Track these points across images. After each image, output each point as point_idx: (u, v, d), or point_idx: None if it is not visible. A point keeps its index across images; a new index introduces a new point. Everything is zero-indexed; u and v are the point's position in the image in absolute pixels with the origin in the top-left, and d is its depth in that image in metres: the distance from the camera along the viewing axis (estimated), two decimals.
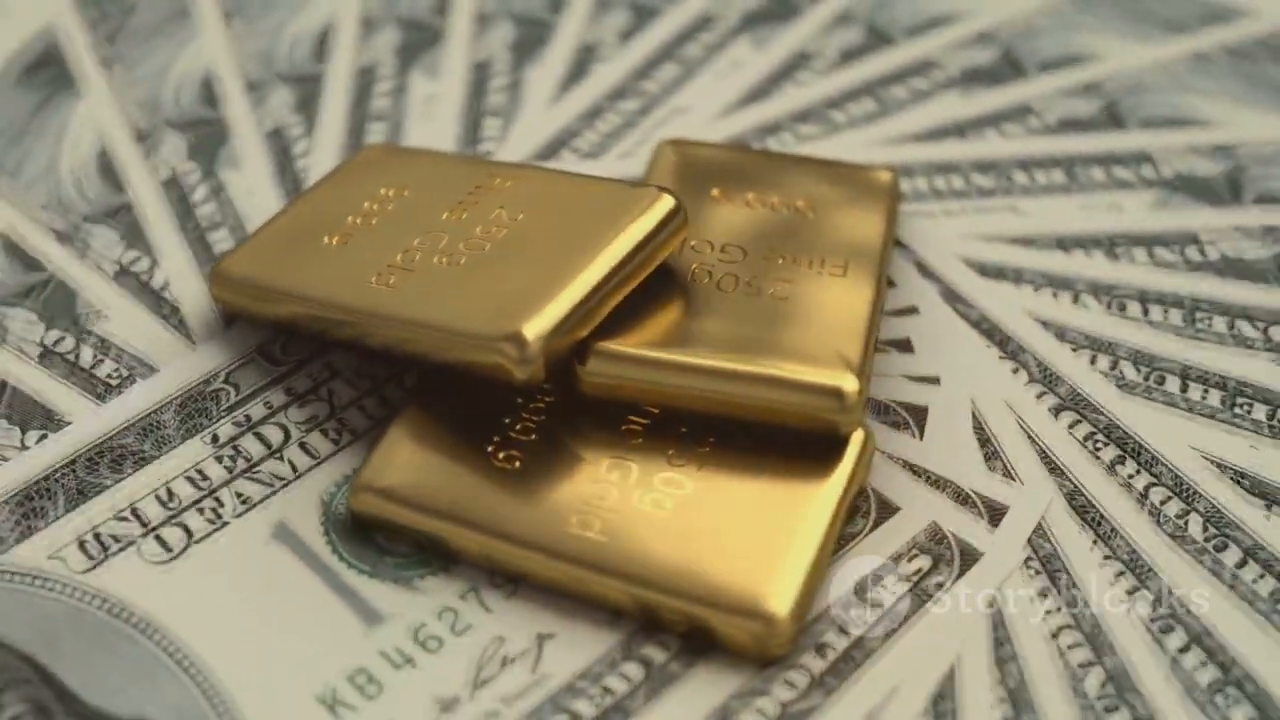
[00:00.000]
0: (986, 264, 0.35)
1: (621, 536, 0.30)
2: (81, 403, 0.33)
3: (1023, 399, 0.33)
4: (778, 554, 0.30)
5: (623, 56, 0.40)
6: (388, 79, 0.40)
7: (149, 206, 0.37)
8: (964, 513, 0.31)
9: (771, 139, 0.38)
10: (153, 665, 0.29)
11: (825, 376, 0.30)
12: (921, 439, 0.32)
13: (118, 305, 0.35)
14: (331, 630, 0.30)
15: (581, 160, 0.37)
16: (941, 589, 0.30)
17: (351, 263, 0.33)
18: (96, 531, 0.31)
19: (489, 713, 0.28)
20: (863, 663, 0.29)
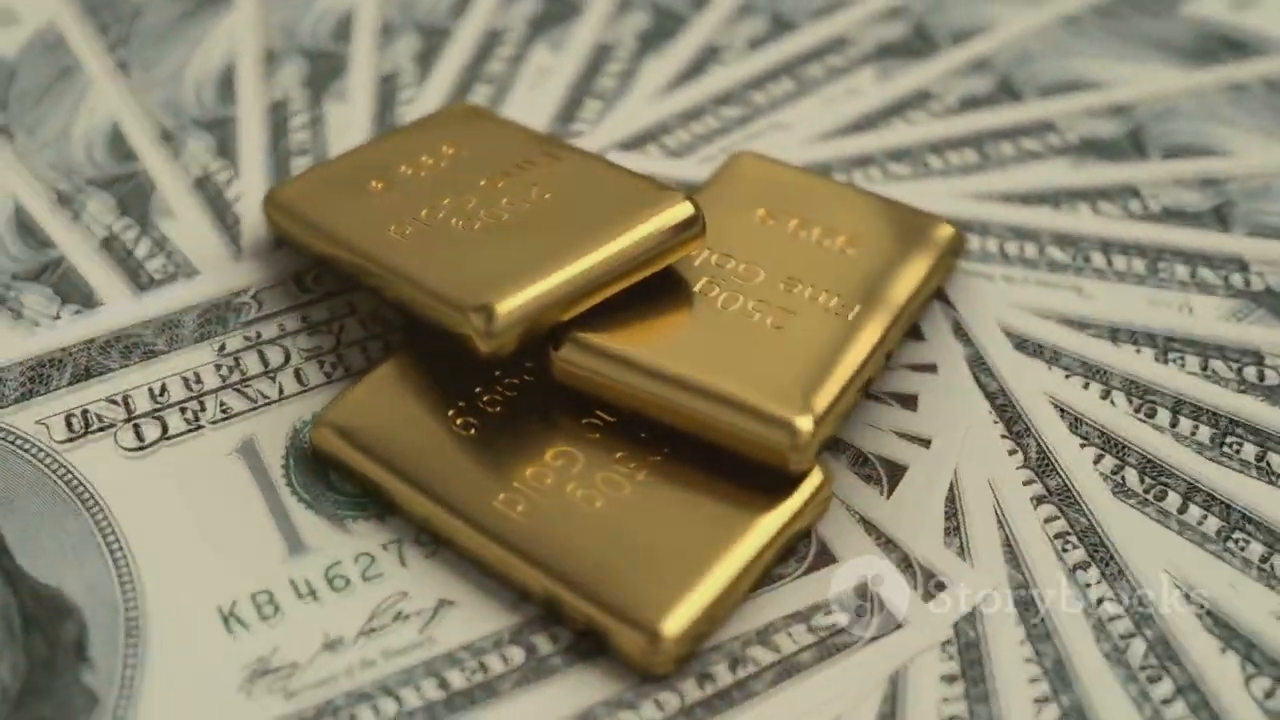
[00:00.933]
0: (1026, 338, 0.34)
1: (542, 522, 0.30)
2: (121, 290, 0.35)
3: (1008, 482, 0.31)
4: (689, 575, 0.29)
5: (743, 64, 0.40)
6: (510, 45, 0.40)
7: (249, 123, 0.38)
8: (901, 579, 0.30)
9: (859, 171, 0.37)
10: (86, 543, 0.31)
11: (782, 409, 0.30)
12: (888, 498, 0.31)
13: (188, 208, 0.36)
14: (255, 549, 0.30)
15: (665, 158, 0.37)
16: (849, 649, 0.29)
17: (381, 209, 0.33)
18: (85, 410, 0.33)
19: (366, 661, 0.29)
20: (739, 703, 0.28)
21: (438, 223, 0.33)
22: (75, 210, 0.36)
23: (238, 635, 0.29)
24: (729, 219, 0.34)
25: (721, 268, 0.33)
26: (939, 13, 0.41)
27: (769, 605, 0.30)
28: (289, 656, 0.29)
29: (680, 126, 0.38)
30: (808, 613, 0.30)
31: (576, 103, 0.39)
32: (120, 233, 0.36)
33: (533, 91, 0.39)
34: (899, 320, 0.33)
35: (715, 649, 0.29)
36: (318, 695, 0.28)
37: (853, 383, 0.31)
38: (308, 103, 0.39)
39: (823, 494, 0.31)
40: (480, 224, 0.32)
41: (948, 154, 0.37)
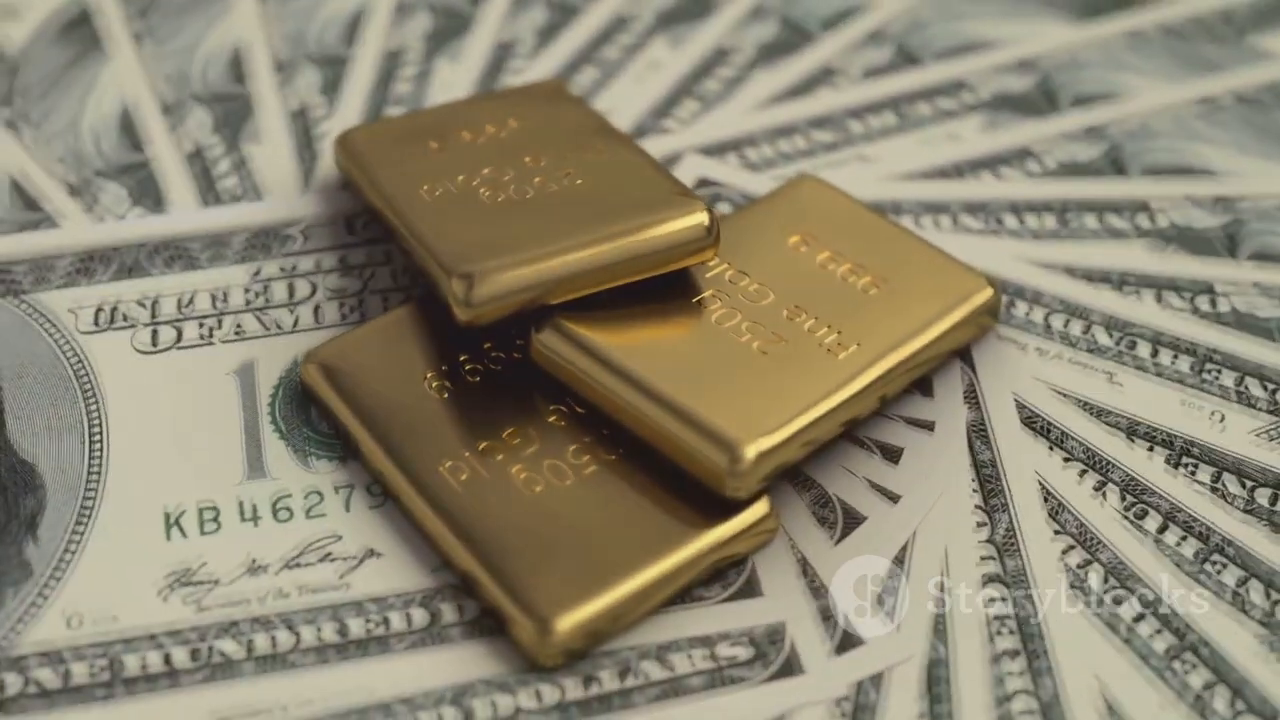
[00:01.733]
0: (1037, 414, 0.32)
1: (478, 496, 0.30)
2: (189, 202, 0.36)
3: (964, 557, 0.30)
4: (598, 575, 0.29)
5: (852, 91, 0.39)
6: (631, 34, 0.40)
7: (362, 66, 0.39)
8: (818, 628, 0.29)
9: (928, 217, 0.36)
10: (72, 429, 0.32)
11: (730, 432, 0.29)
12: (835, 544, 0.30)
13: (276, 137, 0.38)
14: (218, 464, 0.31)
15: (740, 169, 0.37)
16: (740, 684, 0.29)
17: (426, 168, 0.34)
18: (115, 305, 0.34)
19: (281, 592, 0.30)
20: (616, 711, 0.28)
21: (468, 190, 0.33)
22: (175, 121, 0.38)
23: (174, 541, 0.30)
24: (761, 238, 0.34)
25: (733, 284, 0.33)
26: (1069, 73, 0.40)
27: (679, 623, 0.29)
28: (212, 572, 0.30)
29: (767, 141, 0.38)
30: (714, 639, 0.29)
31: (674, 101, 0.39)
32: (208, 148, 0.38)
33: (637, 83, 0.39)
34: (899, 369, 0.32)
35: (610, 654, 0.29)
36: (224, 614, 0.29)
37: (820, 422, 0.30)
38: (421, 56, 0.40)
39: (764, 526, 0.30)
40: (505, 197, 0.33)
41: (1025, 215, 0.36)
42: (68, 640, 0.29)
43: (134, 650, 0.29)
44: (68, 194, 0.36)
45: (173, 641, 0.29)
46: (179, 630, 0.29)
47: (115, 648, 0.29)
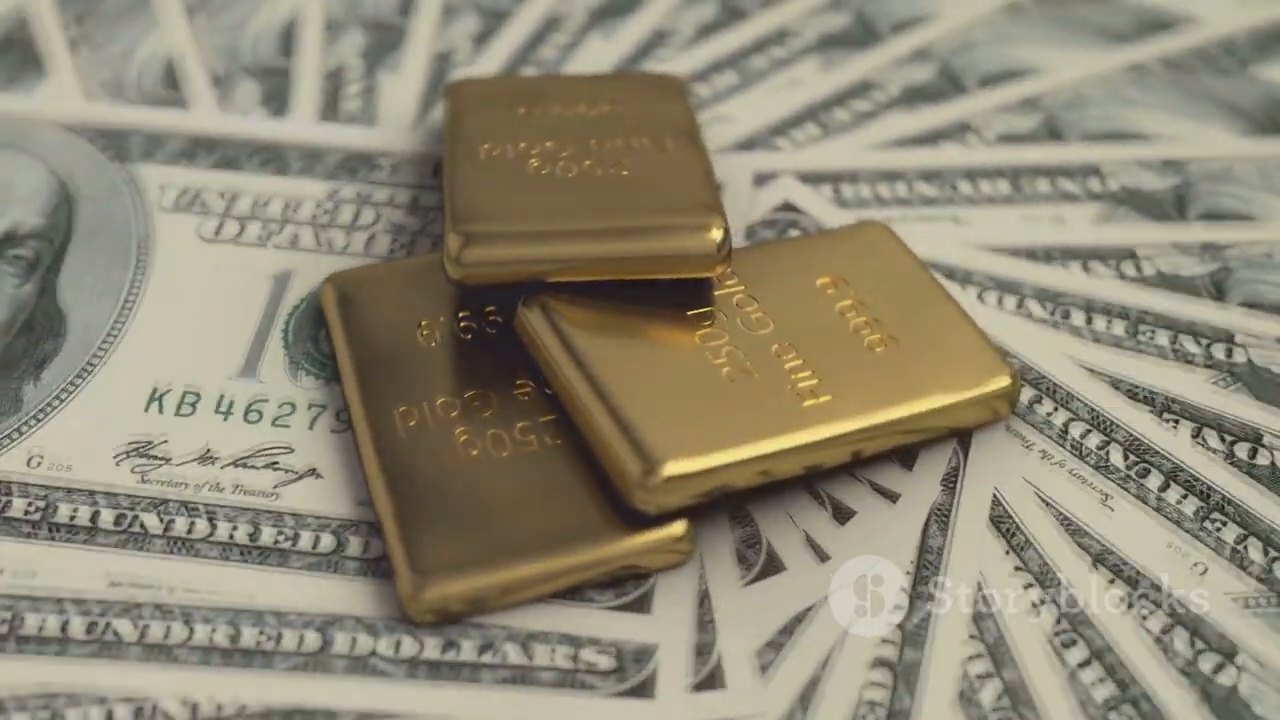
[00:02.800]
0: (1006, 518, 0.31)
1: (415, 445, 0.31)
2: (309, 113, 0.38)
3: (857, 634, 0.29)
4: (493, 551, 0.29)
5: (984, 151, 0.38)
6: (788, 48, 0.40)
7: (519, 21, 0.41)
8: (687, 661, 0.29)
9: (994, 294, 0.34)
10: (112, 295, 0.34)
11: (653, 446, 0.29)
12: (742, 586, 0.30)
13: (414, 71, 0.39)
14: (218, 357, 0.33)
15: (828, 203, 0.36)
16: (587, 691, 0.28)
17: (499, 129, 0.35)
18: (199, 192, 0.36)
19: (217, 484, 0.31)
20: (459, 680, 0.28)
21: (521, 157, 0.34)
22: (332, 36, 0.40)
23: (150, 414, 0.32)
24: (791, 270, 0.33)
25: (739, 307, 0.32)
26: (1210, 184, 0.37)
27: (558, 617, 0.29)
28: (168, 451, 0.32)
29: (868, 181, 0.37)
30: (584, 641, 0.29)
31: (798, 123, 0.38)
32: (348, 68, 0.39)
33: (773, 94, 0.39)
34: (872, 432, 0.31)
35: (481, 627, 0.29)
36: (159, 490, 0.31)
37: (751, 462, 0.30)
38: (578, 29, 0.40)
39: (676, 547, 0.30)
40: (549, 171, 0.33)
41: (1094, 316, 0.34)
42: (19, 476, 0.31)
43: (69, 500, 0.31)
44: (210, 83, 0.39)
45: (105, 503, 0.31)
46: (115, 494, 0.31)
47: (55, 494, 0.31)
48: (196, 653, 0.29)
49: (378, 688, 0.29)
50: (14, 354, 0.33)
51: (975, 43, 0.40)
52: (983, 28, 0.41)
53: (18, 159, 0.37)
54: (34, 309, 0.34)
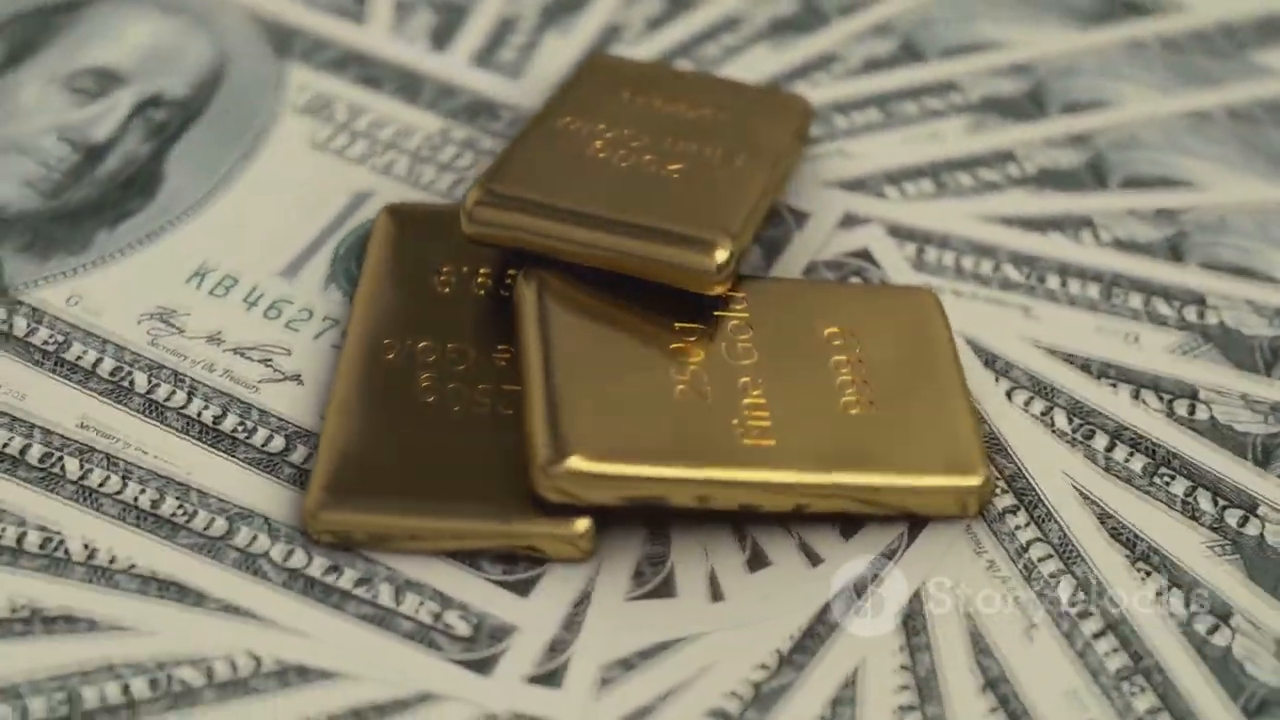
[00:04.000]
0: (920, 615, 0.29)
1: (378, 375, 0.32)
2: (466, 53, 0.39)
3: (712, 686, 0.29)
4: (398, 495, 0.30)
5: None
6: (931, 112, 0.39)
7: (699, 17, 0.41)
8: (537, 653, 0.29)
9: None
10: (214, 171, 0.36)
11: (567, 436, 0.29)
12: (625, 600, 0.30)
13: (580, 36, 0.40)
14: (272, 251, 0.35)
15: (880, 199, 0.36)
16: (434, 649, 0.29)
17: (593, 108, 0.35)
18: (330, 102, 0.38)
19: (209, 365, 0.33)
20: (326, 604, 0.29)
21: (590, 137, 0.34)
22: None
23: (186, 287, 0.34)
24: (805, 311, 0.33)
25: (732, 332, 0.32)
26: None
27: (443, 574, 0.30)
28: (185, 324, 0.34)
29: (964, 252, 0.35)
30: (454, 603, 0.30)
31: (917, 176, 0.37)
32: (522, 20, 0.40)
33: (908, 143, 0.38)
34: (809, 491, 0.30)
35: (372, 562, 0.30)
36: (159, 355, 0.33)
37: (664, 484, 0.29)
38: (754, 32, 0.40)
39: (576, 543, 0.30)
40: (605, 157, 0.34)
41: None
42: (55, 309, 0.34)
43: (83, 343, 0.33)
44: (393, 5, 0.41)
45: (110, 354, 0.33)
46: (122, 348, 0.33)
47: (75, 333, 0.33)
48: (118, 506, 0.31)
49: (253, 588, 0.30)
50: (107, 202, 0.36)
51: (1140, 143, 0.38)
52: (1156, 128, 0.39)
53: (196, 31, 0.40)
54: (141, 168, 0.37)
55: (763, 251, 0.35)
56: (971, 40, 0.41)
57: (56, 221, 0.35)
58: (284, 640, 0.29)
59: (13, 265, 0.35)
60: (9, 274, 0.34)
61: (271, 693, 0.29)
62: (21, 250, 0.35)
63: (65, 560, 0.30)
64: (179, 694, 0.28)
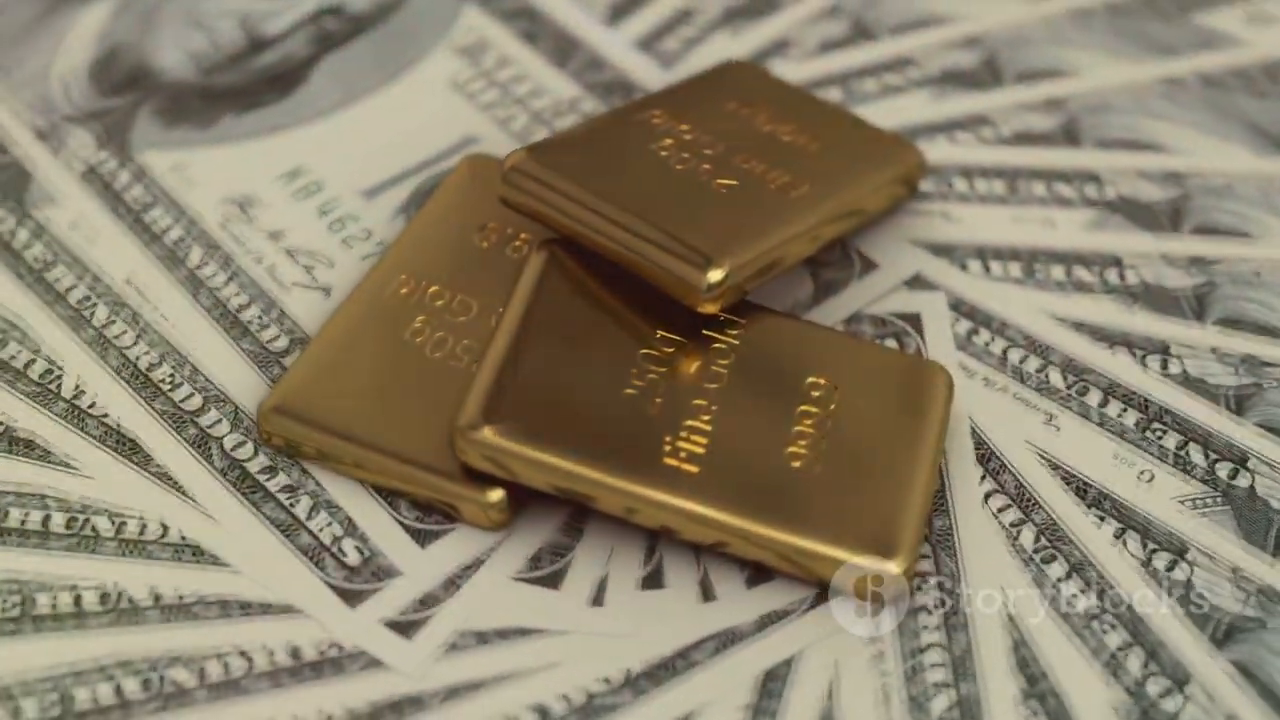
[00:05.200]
0: (775, 683, 0.29)
1: (377, 306, 0.33)
2: (631, 35, 0.40)
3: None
4: (351, 419, 0.31)
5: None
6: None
7: (875, 50, 0.40)
8: (406, 600, 0.30)
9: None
10: (360, 79, 0.38)
11: (477, 406, 0.30)
12: (510, 579, 0.30)
13: (744, 44, 0.40)
14: (364, 173, 0.36)
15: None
16: (320, 568, 0.30)
17: (690, 109, 0.35)
18: (487, 48, 0.39)
19: (260, 257, 0.35)
20: (247, 503, 0.31)
21: (663, 134, 0.34)
22: None
23: (276, 183, 0.36)
24: (797, 354, 0.32)
25: (712, 355, 0.31)
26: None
27: (361, 505, 0.31)
28: (256, 215, 0.36)
29: (1018, 344, 0.34)
30: (358, 534, 0.31)
31: (1010, 257, 0.35)
32: (699, 14, 0.41)
33: (1020, 223, 0.36)
34: (720, 531, 0.29)
35: (307, 475, 0.31)
36: (221, 237, 0.35)
37: (568, 478, 0.29)
38: (927, 76, 0.39)
39: (489, 513, 0.31)
40: (666, 157, 0.34)
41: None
42: (156, 174, 0.36)
43: (165, 210, 0.36)
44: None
45: (181, 225, 0.35)
46: (194, 224, 0.35)
47: (162, 200, 0.36)
48: (121, 360, 0.33)
49: (193, 466, 0.32)
50: (248, 91, 0.38)
51: (1264, 282, 0.35)
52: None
53: None
54: (292, 68, 0.39)
55: (814, 289, 0.35)
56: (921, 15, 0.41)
57: (198, 97, 0.38)
58: (195, 519, 0.31)
59: (144, 124, 0.38)
60: (138, 131, 0.37)
61: (162, 561, 0.30)
62: (157, 113, 0.38)
63: (55, 394, 0.33)
64: (88, 537, 0.31)
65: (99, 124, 0.37)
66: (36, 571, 0.30)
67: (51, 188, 0.36)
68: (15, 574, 0.30)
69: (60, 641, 0.29)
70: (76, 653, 0.29)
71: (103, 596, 0.30)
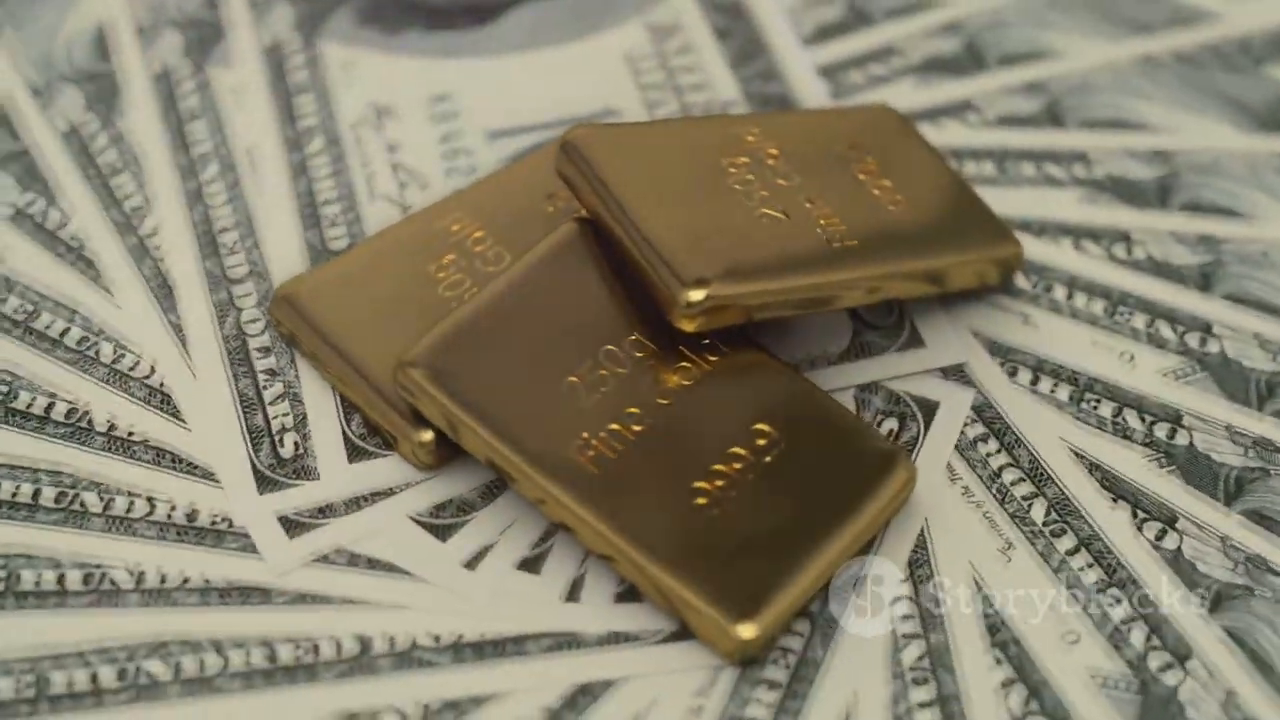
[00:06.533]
0: None
1: (414, 236, 0.34)
2: (806, 67, 0.40)
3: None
4: (339, 325, 0.33)
5: None
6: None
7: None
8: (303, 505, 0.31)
9: None
10: (539, 40, 0.39)
11: (423, 346, 0.31)
12: (414, 516, 0.31)
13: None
14: (497, 118, 0.38)
15: None
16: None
17: (803, 140, 0.35)
18: (679, 28, 0.40)
19: (366, 163, 0.37)
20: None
21: (738, 150, 0.33)
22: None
23: (419, 104, 0.38)
24: (745, 396, 0.32)
25: (680, 380, 0.31)
26: None
27: (319, 402, 0.33)
28: (384, 126, 0.37)
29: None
30: (300, 422, 0.32)
31: (1067, 381, 0.33)
32: (896, 59, 0.40)
33: (1101, 353, 0.34)
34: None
35: (288, 358, 0.33)
36: (343, 135, 0.37)
37: (488, 449, 0.30)
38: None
39: (417, 451, 0.31)
40: (733, 174, 0.33)
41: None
42: (322, 66, 0.38)
43: (311, 99, 0.38)
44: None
45: (315, 114, 0.37)
46: (331, 117, 0.37)
47: (313, 89, 0.38)
48: (195, 207, 0.36)
49: (205, 326, 0.34)
50: (445, 12, 0.40)
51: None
52: None
53: None
54: (495, 4, 0.40)
55: (849, 345, 0.34)
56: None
57: (399, 6, 0.40)
58: (180, 369, 0.33)
59: (341, 16, 0.40)
60: (334, 21, 0.40)
61: (128, 399, 0.33)
62: (357, 10, 0.40)
63: (132, 230, 0.36)
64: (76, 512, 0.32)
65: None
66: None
67: (231, 49, 0.39)
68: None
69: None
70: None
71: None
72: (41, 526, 0.31)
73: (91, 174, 0.36)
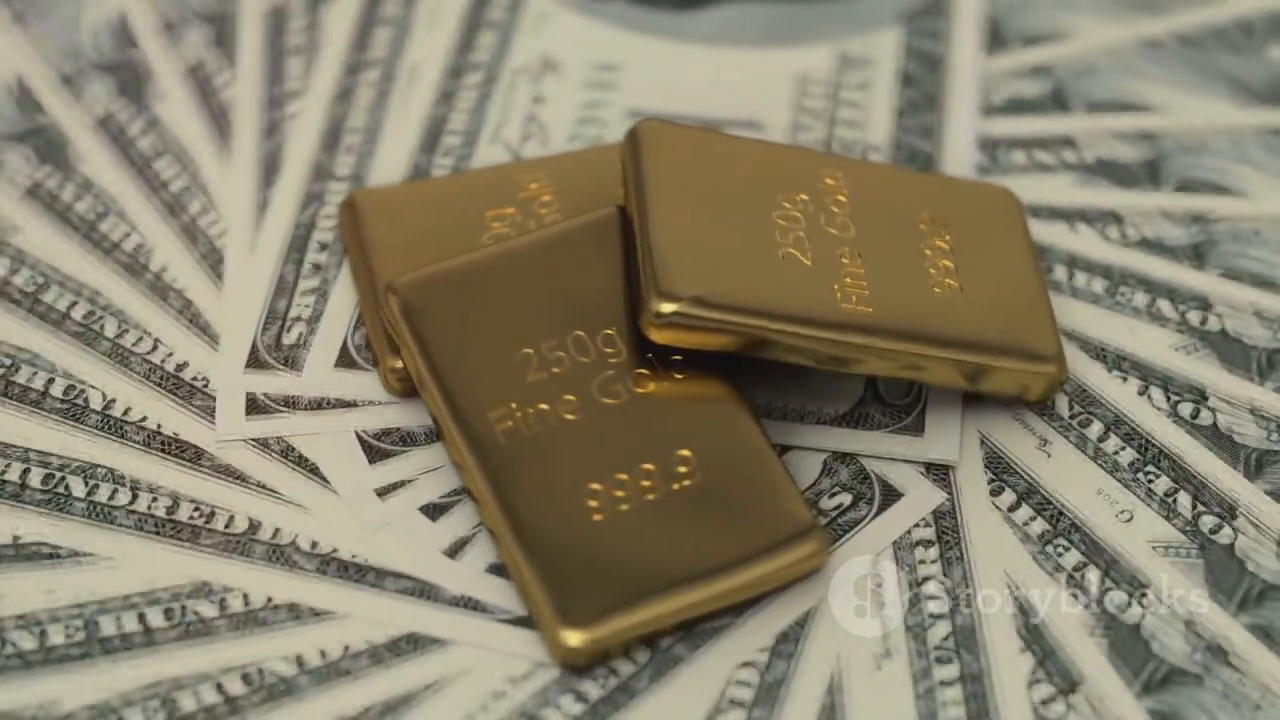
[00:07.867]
0: None
1: (459, 212, 0.35)
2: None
3: None
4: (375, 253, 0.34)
5: None
6: None
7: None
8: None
9: None
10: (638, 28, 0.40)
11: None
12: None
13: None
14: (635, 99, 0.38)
15: None
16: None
17: (868, 182, 0.34)
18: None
19: (504, 111, 0.38)
20: None
21: (811, 188, 0.33)
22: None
23: (580, 71, 0.39)
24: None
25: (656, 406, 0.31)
26: None
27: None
28: (543, 79, 0.38)
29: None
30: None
31: None
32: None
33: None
34: None
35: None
36: (505, 73, 0.38)
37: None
38: None
39: (388, 376, 0.33)
40: (780, 208, 0.33)
41: None
42: (518, 15, 0.40)
43: (496, 37, 0.39)
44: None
45: (495, 56, 0.39)
46: (499, 58, 0.39)
47: (499, 28, 0.39)
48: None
49: (247, 233, 0.36)
50: None
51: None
52: None
53: None
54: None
55: (846, 413, 0.33)
56: None
57: None
58: (240, 235, 0.35)
59: None
60: None
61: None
62: None
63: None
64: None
65: None
66: None
67: None
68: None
69: None
70: None
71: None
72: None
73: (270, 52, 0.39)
